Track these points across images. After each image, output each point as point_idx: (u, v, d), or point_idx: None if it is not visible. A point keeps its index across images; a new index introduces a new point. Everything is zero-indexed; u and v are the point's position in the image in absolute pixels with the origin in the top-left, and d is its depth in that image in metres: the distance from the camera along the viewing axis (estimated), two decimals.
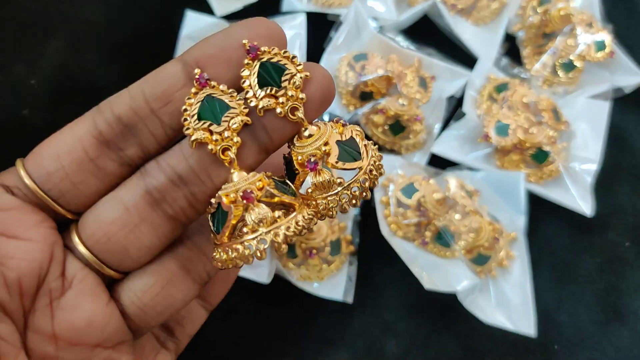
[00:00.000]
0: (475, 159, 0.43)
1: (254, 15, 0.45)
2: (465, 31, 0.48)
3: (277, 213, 0.20)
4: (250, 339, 0.36)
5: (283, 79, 0.21)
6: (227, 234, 0.20)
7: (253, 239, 0.19)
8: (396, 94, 0.43)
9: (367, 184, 0.21)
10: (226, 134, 0.20)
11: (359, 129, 0.22)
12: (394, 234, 0.38)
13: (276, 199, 0.20)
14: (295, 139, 0.21)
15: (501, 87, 0.45)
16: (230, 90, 0.21)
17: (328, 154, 0.21)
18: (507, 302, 0.37)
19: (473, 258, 0.38)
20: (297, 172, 0.21)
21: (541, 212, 0.42)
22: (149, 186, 0.21)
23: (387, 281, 0.39)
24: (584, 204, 0.41)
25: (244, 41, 0.21)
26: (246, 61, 0.21)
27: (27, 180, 0.21)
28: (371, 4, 0.48)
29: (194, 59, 0.21)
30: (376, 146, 0.22)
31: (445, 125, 0.45)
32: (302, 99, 0.21)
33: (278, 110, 0.21)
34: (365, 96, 0.44)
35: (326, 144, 0.21)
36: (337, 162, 0.21)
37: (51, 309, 0.21)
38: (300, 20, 0.46)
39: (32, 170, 0.21)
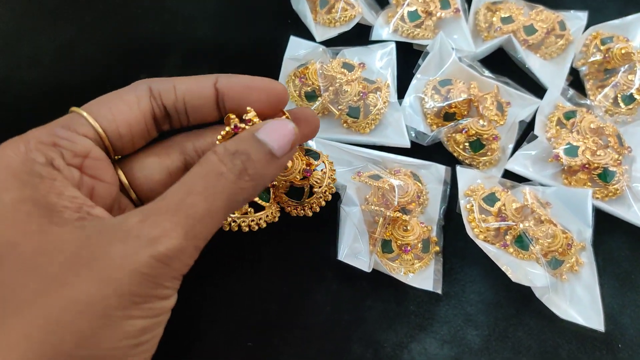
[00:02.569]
0: (545, 177, 0.48)
1: (347, 41, 0.52)
2: (535, 63, 0.54)
3: (249, 208, 0.35)
4: (351, 324, 0.41)
5: None
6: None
7: (231, 219, 0.35)
8: (476, 116, 0.48)
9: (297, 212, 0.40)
10: None
11: (325, 170, 0.40)
12: (477, 237, 0.43)
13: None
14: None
15: (569, 114, 0.50)
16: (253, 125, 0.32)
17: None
18: (579, 301, 0.42)
19: (548, 261, 0.42)
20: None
21: (605, 226, 0.47)
22: (188, 162, 0.33)
23: (468, 279, 0.44)
24: None
25: (248, 108, 0.32)
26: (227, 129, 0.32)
27: (100, 130, 0.30)
28: (452, 37, 0.54)
29: (223, 86, 0.33)
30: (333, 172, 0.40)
31: (517, 146, 0.50)
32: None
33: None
34: (448, 117, 0.50)
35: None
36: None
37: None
38: (391, 48, 0.52)
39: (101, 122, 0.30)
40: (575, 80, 0.56)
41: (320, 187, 0.39)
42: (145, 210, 0.26)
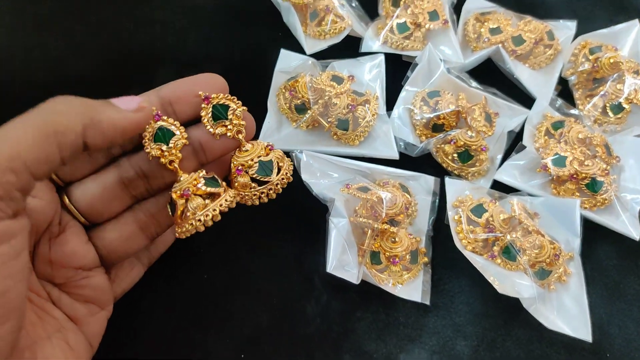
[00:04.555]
0: (534, 187, 0.49)
1: (337, 53, 0.52)
2: (524, 74, 0.54)
3: (206, 201, 0.31)
4: (341, 335, 0.42)
5: (229, 113, 0.33)
6: (179, 216, 0.31)
7: (194, 219, 0.30)
8: (465, 127, 0.49)
9: (267, 192, 0.33)
10: (172, 151, 0.32)
11: (280, 154, 0.34)
12: (465, 248, 0.44)
13: (206, 191, 0.31)
14: (237, 151, 0.34)
15: (557, 124, 0.50)
16: (175, 122, 0.32)
17: (251, 167, 0.33)
18: (566, 311, 0.42)
19: (535, 272, 0.43)
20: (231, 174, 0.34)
21: (594, 235, 0.47)
22: (122, 175, 0.33)
23: (457, 289, 0.44)
24: (633, 229, 0.46)
25: (200, 92, 0.33)
26: (203, 105, 0.33)
27: None
28: (441, 49, 0.55)
29: (166, 96, 0.33)
30: (290, 169, 0.34)
31: (506, 156, 0.51)
32: (242, 124, 0.33)
33: (228, 134, 0.33)
34: (436, 128, 0.50)
35: (252, 159, 0.33)
36: (253, 174, 0.33)
37: (50, 244, 0.31)
38: (380, 60, 0.53)
39: None
40: (565, 90, 0.56)
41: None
42: None
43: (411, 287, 0.43)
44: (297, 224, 0.46)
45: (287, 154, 0.46)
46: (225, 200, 0.31)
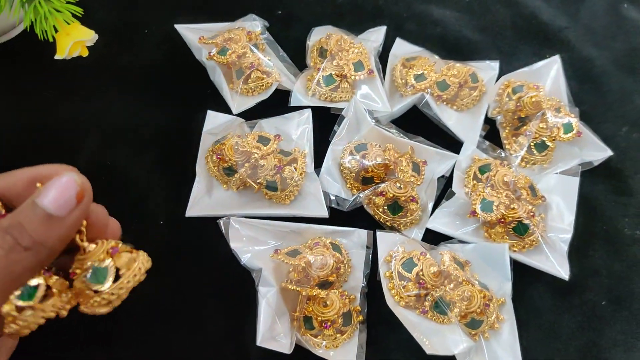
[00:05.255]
0: (465, 233, 0.49)
1: (267, 109, 0.52)
2: (451, 118, 0.55)
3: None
4: None
5: None
6: None
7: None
8: (393, 178, 0.49)
9: (100, 301, 0.29)
10: None
11: (127, 258, 0.29)
12: (397, 303, 0.44)
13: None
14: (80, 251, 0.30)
15: (484, 168, 0.51)
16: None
17: (85, 271, 0.29)
18: None
19: (467, 322, 0.43)
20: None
21: (525, 277, 0.48)
22: None
23: (393, 346, 0.45)
24: (562, 269, 0.47)
25: (37, 185, 0.28)
26: None
27: None
28: (368, 99, 0.55)
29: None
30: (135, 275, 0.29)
31: (438, 202, 0.51)
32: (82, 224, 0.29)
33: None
34: (366, 180, 0.50)
35: (87, 264, 0.29)
36: (85, 281, 0.29)
37: None
38: (307, 116, 0.53)
39: None
40: (492, 129, 0.57)
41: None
42: None
43: (346, 349, 0.43)
44: (230, 295, 0.46)
45: (217, 219, 0.46)
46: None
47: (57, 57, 0.44)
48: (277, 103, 0.56)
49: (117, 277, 0.29)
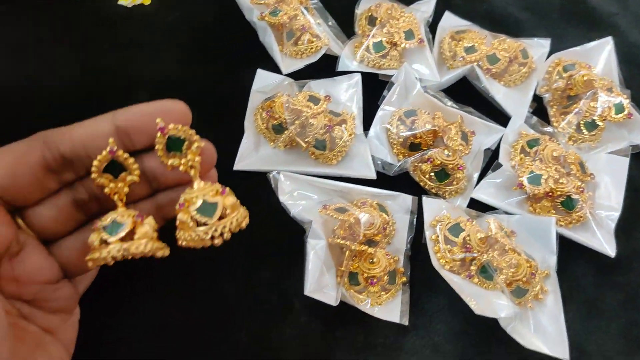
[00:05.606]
0: (510, 205, 0.49)
1: (314, 72, 0.52)
2: (499, 92, 0.55)
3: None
4: (320, 357, 0.41)
5: (184, 147, 0.31)
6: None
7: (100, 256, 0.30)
8: (442, 146, 0.49)
9: (204, 236, 0.30)
10: (119, 185, 0.31)
11: (232, 202, 0.31)
12: (442, 267, 0.44)
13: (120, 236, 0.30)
14: (188, 187, 0.31)
15: (532, 142, 0.51)
16: (129, 158, 0.31)
17: (193, 204, 0.30)
18: (544, 330, 0.42)
19: (512, 290, 0.43)
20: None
21: (570, 253, 0.48)
22: (76, 198, 0.32)
23: (435, 308, 0.44)
24: (608, 246, 0.47)
25: (157, 120, 0.30)
26: (158, 134, 0.31)
27: None
28: (417, 67, 0.55)
29: (122, 125, 0.31)
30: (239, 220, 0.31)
31: (483, 174, 0.51)
32: (197, 160, 0.31)
33: (181, 167, 0.31)
34: (413, 147, 0.50)
35: (197, 197, 0.30)
36: (193, 212, 0.30)
37: (11, 262, 0.31)
38: (357, 80, 0.53)
39: None
40: (539, 107, 0.57)
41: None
42: None
43: (389, 307, 0.43)
44: (274, 247, 0.46)
45: (265, 174, 0.47)
46: (136, 247, 0.30)
47: (120, 2, 0.44)
48: (324, 67, 0.56)
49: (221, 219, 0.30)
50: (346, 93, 0.52)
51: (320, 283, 0.41)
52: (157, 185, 0.34)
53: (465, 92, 0.56)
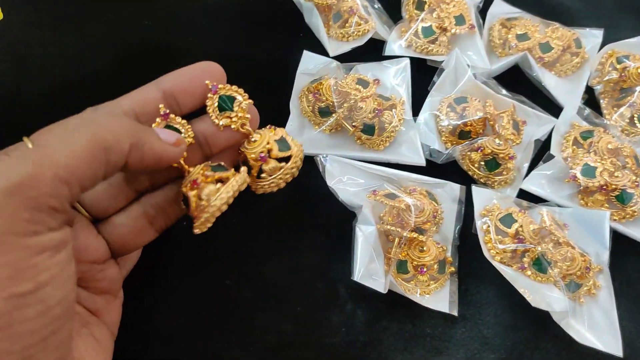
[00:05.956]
0: (561, 197, 0.48)
1: (360, 56, 0.51)
2: (551, 81, 0.53)
3: (218, 185, 0.30)
4: (366, 345, 0.40)
5: (234, 104, 0.33)
6: (194, 209, 0.30)
7: (209, 205, 0.30)
8: (492, 135, 0.48)
9: (297, 164, 0.34)
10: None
11: (281, 130, 0.34)
12: (493, 258, 0.43)
13: (215, 177, 0.30)
14: (245, 143, 0.33)
15: (586, 134, 0.49)
16: (182, 121, 0.32)
17: (271, 149, 0.33)
18: (597, 325, 0.41)
19: (566, 284, 0.42)
20: (251, 166, 0.33)
21: (622, 248, 0.46)
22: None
23: (484, 300, 0.43)
24: None
25: (207, 82, 0.32)
26: (209, 95, 0.32)
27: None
28: (467, 53, 0.53)
29: (168, 88, 0.32)
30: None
31: (532, 165, 0.50)
32: (247, 117, 0.33)
33: (233, 126, 0.33)
34: (463, 135, 0.49)
35: (268, 143, 0.33)
36: (277, 155, 0.33)
37: None
38: (405, 64, 0.52)
39: None
40: (591, 99, 0.55)
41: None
42: None
43: (438, 297, 0.42)
44: (320, 231, 0.45)
45: (311, 158, 0.46)
46: (237, 181, 0.30)
47: None
48: (371, 51, 0.54)
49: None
50: (395, 78, 0.51)
51: (370, 269, 0.40)
52: (209, 149, 0.34)
53: (514, 81, 0.54)
